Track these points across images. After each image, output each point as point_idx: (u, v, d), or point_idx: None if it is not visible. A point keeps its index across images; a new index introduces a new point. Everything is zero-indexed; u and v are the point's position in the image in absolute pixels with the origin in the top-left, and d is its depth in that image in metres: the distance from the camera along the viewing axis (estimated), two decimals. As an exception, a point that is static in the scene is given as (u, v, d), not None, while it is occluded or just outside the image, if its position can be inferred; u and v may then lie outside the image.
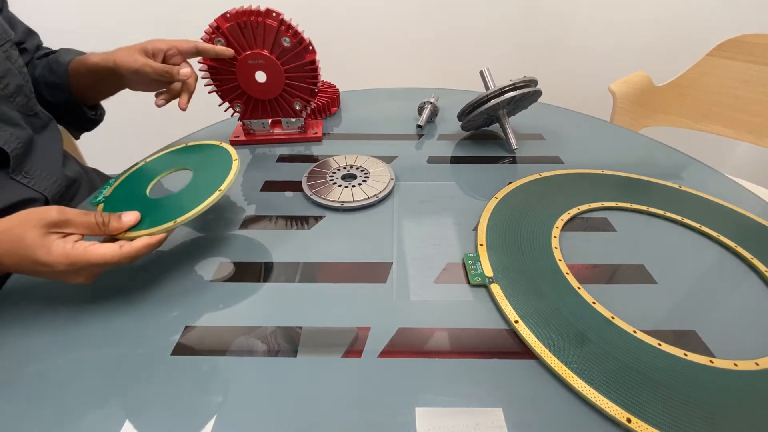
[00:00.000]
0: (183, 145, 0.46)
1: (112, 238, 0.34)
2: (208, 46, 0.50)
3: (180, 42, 0.49)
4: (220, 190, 0.37)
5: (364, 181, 0.50)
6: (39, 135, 0.50)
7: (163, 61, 0.49)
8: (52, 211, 0.31)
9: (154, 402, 0.28)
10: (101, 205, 0.39)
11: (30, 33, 0.56)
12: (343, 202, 0.47)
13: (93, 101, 0.56)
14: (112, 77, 0.49)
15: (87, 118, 0.57)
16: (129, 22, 1.13)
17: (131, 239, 0.33)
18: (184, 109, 0.51)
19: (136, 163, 0.45)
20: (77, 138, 0.61)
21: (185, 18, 1.11)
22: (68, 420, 0.27)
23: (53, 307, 0.35)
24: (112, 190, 0.41)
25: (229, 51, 0.51)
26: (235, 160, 0.41)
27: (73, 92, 0.53)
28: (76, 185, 0.53)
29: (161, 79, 0.48)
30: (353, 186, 0.49)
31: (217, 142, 0.45)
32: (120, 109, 0.61)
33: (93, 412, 0.27)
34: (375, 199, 0.48)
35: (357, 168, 0.53)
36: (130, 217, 0.34)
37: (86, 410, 0.27)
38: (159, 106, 0.50)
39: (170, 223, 0.34)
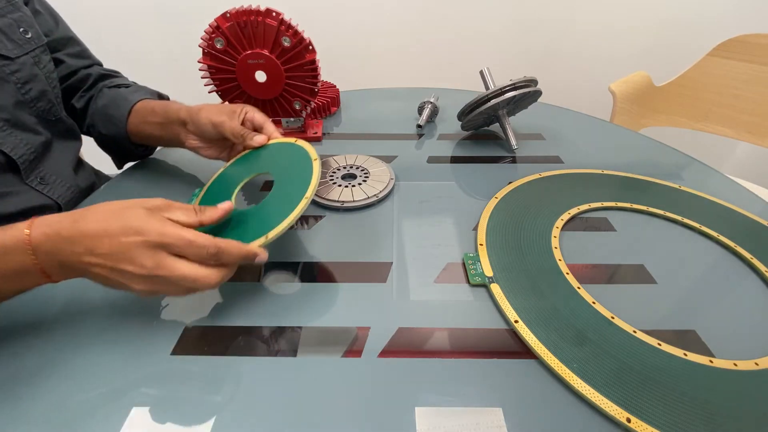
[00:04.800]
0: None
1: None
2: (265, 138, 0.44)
3: (268, 123, 0.45)
4: (306, 198, 0.35)
5: (364, 180, 0.50)
6: (59, 140, 0.49)
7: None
8: (157, 200, 0.31)
9: (154, 402, 0.28)
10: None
11: (69, 42, 0.54)
12: (343, 201, 0.47)
13: (145, 142, 0.54)
14: (172, 128, 0.48)
15: (133, 152, 0.56)
16: (128, 23, 1.13)
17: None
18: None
19: (216, 172, 0.44)
20: (119, 168, 0.59)
21: (185, 18, 1.12)
22: (68, 420, 0.27)
23: (53, 307, 0.35)
24: (198, 201, 0.40)
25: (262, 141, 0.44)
26: (315, 159, 0.38)
27: (127, 128, 0.52)
28: (89, 193, 0.53)
29: (233, 140, 0.45)
30: (353, 186, 0.49)
31: (292, 139, 0.42)
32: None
33: (93, 411, 0.27)
34: (375, 199, 0.48)
35: (357, 168, 0.53)
36: (225, 205, 0.34)
37: (86, 410, 0.27)
38: (208, 156, 0.48)
39: (262, 239, 0.33)
